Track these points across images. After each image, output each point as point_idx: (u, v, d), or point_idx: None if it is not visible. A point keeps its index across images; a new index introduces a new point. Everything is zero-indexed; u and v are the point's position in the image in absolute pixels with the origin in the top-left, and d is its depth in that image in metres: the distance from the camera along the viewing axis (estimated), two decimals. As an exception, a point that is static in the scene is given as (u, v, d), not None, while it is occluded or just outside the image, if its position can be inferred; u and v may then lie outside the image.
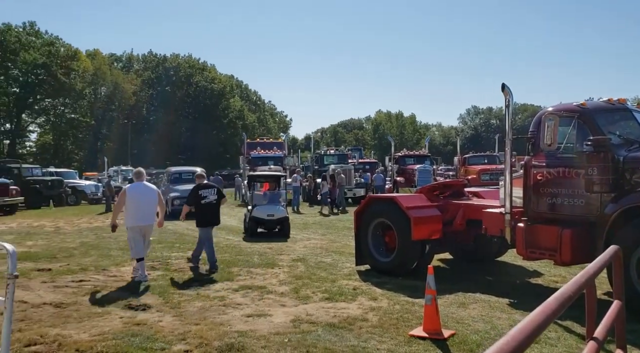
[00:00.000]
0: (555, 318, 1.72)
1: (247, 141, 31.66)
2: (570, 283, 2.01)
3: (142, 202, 8.43)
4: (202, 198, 9.33)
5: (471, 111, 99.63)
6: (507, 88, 7.31)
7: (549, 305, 1.61)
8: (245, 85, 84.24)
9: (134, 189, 8.53)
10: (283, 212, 14.05)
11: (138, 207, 8.37)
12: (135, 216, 8.37)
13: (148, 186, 8.81)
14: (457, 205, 8.83)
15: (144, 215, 8.45)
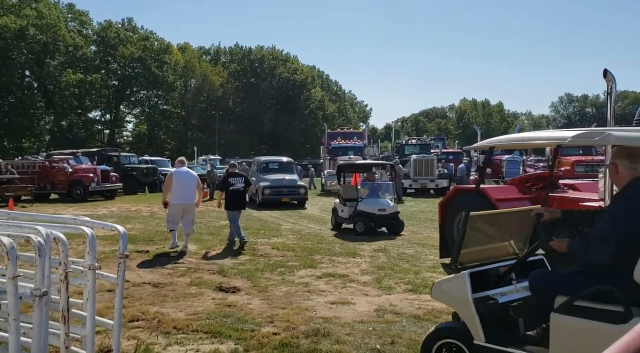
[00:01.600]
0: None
1: (328, 131, 31.94)
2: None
3: (184, 184, 9.94)
4: (230, 185, 10.60)
5: (564, 99, 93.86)
6: (609, 74, 6.79)
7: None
8: (326, 75, 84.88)
9: (178, 174, 10.07)
10: (394, 206, 12.45)
11: (181, 188, 9.88)
12: (178, 196, 9.87)
13: (189, 172, 10.43)
14: (551, 198, 8.37)
15: (185, 195, 9.94)
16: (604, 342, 2.59)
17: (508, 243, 4.31)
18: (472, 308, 3.66)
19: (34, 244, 2.93)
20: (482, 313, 3.68)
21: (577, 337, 3.18)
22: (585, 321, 3.13)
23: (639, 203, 3.19)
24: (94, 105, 61.28)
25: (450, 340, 3.86)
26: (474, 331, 3.68)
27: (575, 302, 3.21)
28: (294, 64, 73.05)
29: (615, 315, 3.01)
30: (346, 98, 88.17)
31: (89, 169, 23.71)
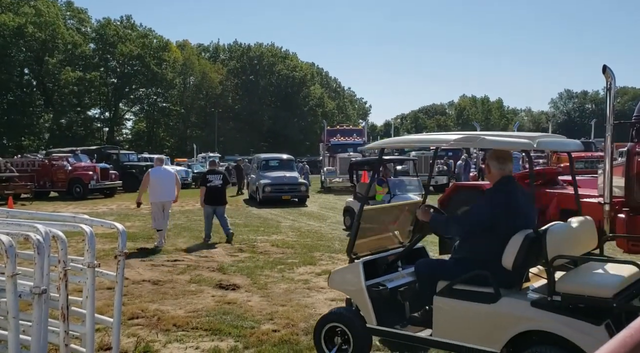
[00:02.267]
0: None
1: (327, 128, 31.92)
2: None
3: (162, 182, 10.22)
4: (208, 182, 10.90)
5: (564, 95, 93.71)
6: (608, 70, 6.78)
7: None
8: (326, 72, 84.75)
9: (156, 172, 10.38)
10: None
11: (159, 186, 10.16)
12: (157, 193, 10.16)
13: (167, 170, 10.88)
14: (550, 194, 8.39)
15: (163, 193, 10.19)
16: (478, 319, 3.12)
17: (395, 234, 4.83)
18: (365, 294, 4.08)
19: (33, 242, 2.93)
20: (373, 299, 4.10)
21: (456, 316, 3.65)
22: (462, 302, 3.60)
23: (503, 198, 3.71)
24: (93, 103, 61.25)
25: (337, 323, 4.23)
26: (367, 315, 4.09)
27: (454, 286, 3.65)
28: (293, 61, 72.96)
29: (488, 296, 3.49)
30: (345, 95, 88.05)
31: (89, 167, 23.71)
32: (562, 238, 3.58)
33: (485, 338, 3.50)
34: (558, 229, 3.69)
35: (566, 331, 3.20)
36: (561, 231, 3.70)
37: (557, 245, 3.44)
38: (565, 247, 3.54)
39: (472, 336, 3.56)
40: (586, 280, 3.40)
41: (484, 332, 3.52)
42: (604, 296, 3.19)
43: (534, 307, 3.34)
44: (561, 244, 3.51)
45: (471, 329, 3.58)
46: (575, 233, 3.91)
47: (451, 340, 3.66)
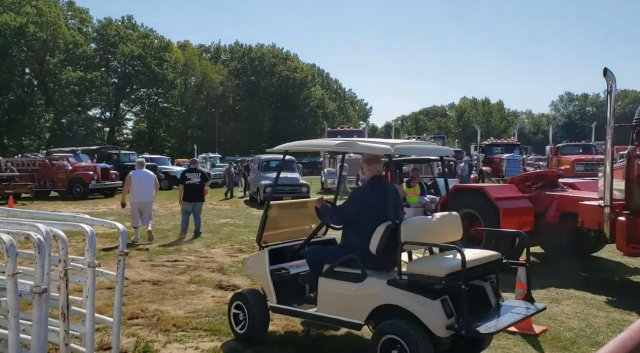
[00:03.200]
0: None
1: (328, 129, 31.96)
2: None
3: (141, 184, 10.83)
4: (187, 180, 11.49)
5: (564, 98, 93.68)
6: (609, 73, 6.80)
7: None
8: (326, 73, 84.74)
9: (137, 175, 10.98)
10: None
11: (138, 188, 10.77)
12: (136, 195, 10.77)
13: (147, 172, 11.35)
14: (550, 196, 8.39)
15: (142, 194, 10.82)
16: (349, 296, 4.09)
17: (305, 227, 5.41)
18: (268, 277, 4.81)
19: (34, 241, 2.94)
20: (275, 281, 4.81)
21: (334, 294, 4.37)
22: (338, 282, 4.32)
23: (364, 194, 4.53)
24: (94, 103, 61.23)
25: (239, 302, 4.97)
26: (269, 295, 4.83)
27: (335, 268, 4.37)
28: (294, 62, 72.97)
29: (357, 276, 4.20)
30: (346, 96, 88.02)
31: (89, 167, 23.71)
32: (414, 229, 4.22)
33: (354, 312, 4.22)
34: (412, 221, 4.41)
35: (409, 304, 3.91)
36: (414, 223, 4.40)
37: (409, 234, 4.07)
38: (419, 236, 4.16)
39: (345, 310, 4.28)
40: (427, 263, 4.14)
41: (353, 306, 4.23)
42: (437, 275, 3.83)
43: (389, 285, 4.03)
44: (414, 234, 4.12)
45: (344, 304, 4.29)
46: (431, 225, 4.52)
47: (329, 314, 4.38)
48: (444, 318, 3.75)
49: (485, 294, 4.28)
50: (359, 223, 4.40)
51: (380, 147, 4.42)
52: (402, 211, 4.68)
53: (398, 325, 3.90)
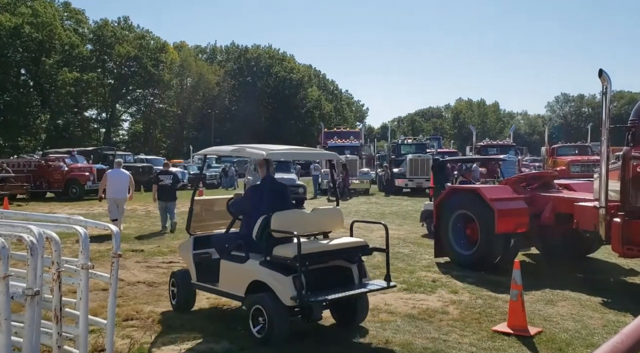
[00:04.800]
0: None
1: (325, 130, 31.99)
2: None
3: (116, 182, 11.93)
4: (160, 181, 12.63)
5: (560, 99, 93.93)
6: (604, 74, 6.82)
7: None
8: (323, 74, 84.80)
9: (113, 173, 12.25)
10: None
11: (114, 185, 11.89)
12: (111, 191, 11.86)
13: (123, 171, 12.47)
14: (545, 197, 8.40)
15: (116, 191, 11.88)
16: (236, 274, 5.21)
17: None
18: (191, 260, 5.78)
19: (27, 243, 2.92)
20: (197, 263, 5.76)
21: (228, 272, 5.30)
22: (230, 262, 5.27)
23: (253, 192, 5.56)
24: (90, 104, 60.99)
25: (173, 279, 6.05)
26: (192, 274, 5.77)
27: (230, 251, 5.31)
28: (291, 63, 72.97)
29: (242, 258, 5.13)
30: (343, 97, 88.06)
31: (85, 168, 23.63)
32: (282, 220, 5.05)
33: (239, 287, 5.13)
34: (282, 213, 5.17)
35: (269, 280, 4.84)
36: (283, 215, 5.15)
37: (277, 224, 4.98)
38: (286, 225, 4.98)
39: (234, 285, 5.21)
40: (287, 247, 4.88)
41: (238, 282, 5.15)
42: (287, 256, 4.77)
43: (260, 265, 4.95)
44: (281, 224, 4.99)
45: (233, 281, 5.22)
46: (299, 217, 5.41)
47: (225, 289, 5.33)
48: (291, 291, 4.65)
49: (351, 273, 5.23)
50: (250, 215, 5.36)
51: (257, 153, 5.47)
52: (289, 205, 5.69)
53: (261, 296, 4.85)
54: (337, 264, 5.15)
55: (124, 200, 12.16)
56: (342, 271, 5.20)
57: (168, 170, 13.29)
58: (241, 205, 5.54)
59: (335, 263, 5.13)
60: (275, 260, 4.87)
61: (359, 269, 5.27)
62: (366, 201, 21.71)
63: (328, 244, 5.19)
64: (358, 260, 5.30)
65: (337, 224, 5.72)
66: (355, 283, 5.18)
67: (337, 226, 5.72)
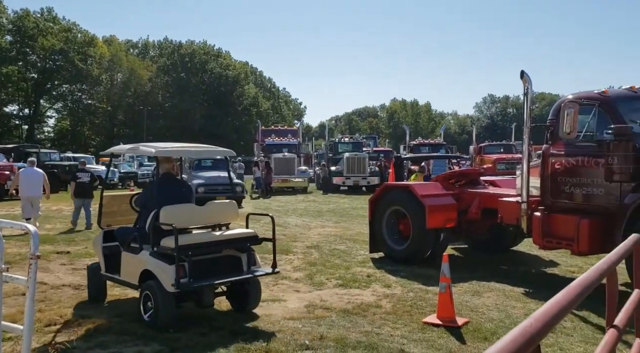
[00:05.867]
0: (577, 303, 1.70)
1: (262, 128, 31.69)
2: (592, 270, 1.99)
3: (30, 181, 12.16)
4: (77, 178, 13.02)
5: (487, 100, 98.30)
6: (526, 75, 7.21)
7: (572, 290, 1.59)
8: (260, 72, 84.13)
9: (26, 171, 12.44)
10: None
11: (27, 183, 12.11)
12: (24, 189, 12.10)
13: (36, 170, 12.53)
14: (472, 193, 8.77)
15: (31, 189, 12.12)
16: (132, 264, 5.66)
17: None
18: (100, 252, 6.16)
19: None
20: (106, 255, 6.10)
21: (126, 263, 5.68)
22: (128, 254, 5.67)
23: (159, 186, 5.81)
24: (10, 99, 57.20)
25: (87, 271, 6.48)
26: (102, 265, 6.13)
27: (129, 243, 5.68)
28: (226, 59, 71.77)
29: (136, 249, 5.56)
30: (280, 95, 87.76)
31: (5, 167, 22.18)
32: (169, 214, 5.36)
33: (133, 276, 5.52)
34: (170, 207, 5.45)
35: (155, 268, 5.25)
36: (170, 209, 5.43)
37: (166, 217, 5.30)
38: (173, 219, 5.25)
39: (131, 275, 5.58)
40: (171, 239, 5.12)
41: (133, 272, 5.54)
42: (169, 247, 5.16)
43: (150, 256, 5.36)
44: (169, 217, 5.29)
45: (130, 270, 5.61)
46: (194, 210, 5.78)
47: (125, 279, 5.71)
48: (172, 278, 5.02)
49: (240, 262, 5.66)
50: (147, 209, 5.67)
51: (147, 150, 6.05)
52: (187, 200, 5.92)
53: (149, 284, 5.27)
54: (228, 254, 5.65)
55: (38, 198, 12.34)
56: (233, 260, 5.67)
57: (84, 168, 13.79)
58: (140, 200, 6.00)
59: (227, 253, 5.64)
60: (162, 251, 5.29)
61: (248, 258, 5.72)
62: (304, 199, 21.78)
63: (216, 235, 5.66)
64: (248, 249, 5.75)
65: (232, 217, 6.09)
66: (244, 270, 5.66)
67: (232, 218, 6.09)
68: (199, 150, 6.79)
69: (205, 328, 5.27)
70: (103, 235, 6.24)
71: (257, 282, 5.85)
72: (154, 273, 5.25)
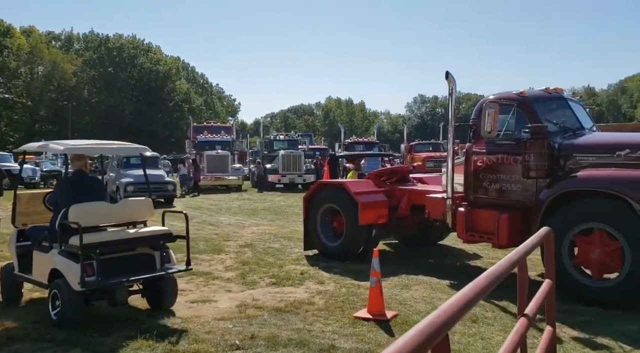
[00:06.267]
0: (485, 294, 1.80)
1: (194, 125, 30.97)
2: (502, 262, 2.10)
3: None
4: None
5: (418, 100, 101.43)
6: (450, 76, 7.48)
7: (479, 283, 1.68)
8: (192, 67, 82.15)
9: None
10: None
11: None
12: None
13: None
14: (402, 190, 9.02)
15: None
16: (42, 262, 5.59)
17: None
18: (14, 251, 6.08)
19: None
20: (19, 255, 6.03)
21: (37, 262, 5.65)
22: (39, 252, 5.64)
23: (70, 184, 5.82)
24: None
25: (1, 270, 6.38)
26: (15, 265, 6.07)
27: (40, 242, 5.65)
28: (157, 54, 69.46)
29: (46, 248, 5.51)
30: (214, 91, 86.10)
31: None
32: (81, 211, 5.35)
33: (43, 275, 5.47)
34: (79, 205, 5.43)
35: (62, 267, 5.25)
36: (79, 207, 5.41)
37: (75, 215, 5.28)
38: (82, 217, 5.24)
39: (40, 274, 5.55)
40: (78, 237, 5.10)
41: (43, 270, 5.49)
42: (75, 244, 5.12)
43: (58, 254, 5.33)
44: (78, 215, 5.26)
45: (40, 270, 5.56)
46: (105, 208, 5.77)
47: (36, 278, 5.67)
48: (78, 276, 5.01)
49: (154, 260, 5.65)
50: (58, 206, 5.59)
51: (55, 148, 6.06)
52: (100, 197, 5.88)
53: (57, 283, 5.25)
54: (142, 252, 5.65)
55: None
56: (146, 258, 5.67)
57: None
58: (51, 198, 5.92)
59: (140, 251, 5.64)
60: (70, 249, 5.27)
61: (161, 255, 5.71)
62: (238, 198, 21.53)
63: (128, 233, 5.66)
64: (161, 247, 5.73)
65: (146, 214, 6.10)
66: (157, 268, 5.65)
67: (146, 216, 6.10)
68: (111, 148, 6.63)
69: (131, 331, 5.08)
70: (17, 234, 6.16)
71: (172, 279, 5.86)
72: (61, 271, 5.23)
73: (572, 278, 6.11)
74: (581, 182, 6.23)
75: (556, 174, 6.58)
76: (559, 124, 7.10)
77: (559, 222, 6.09)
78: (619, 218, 5.80)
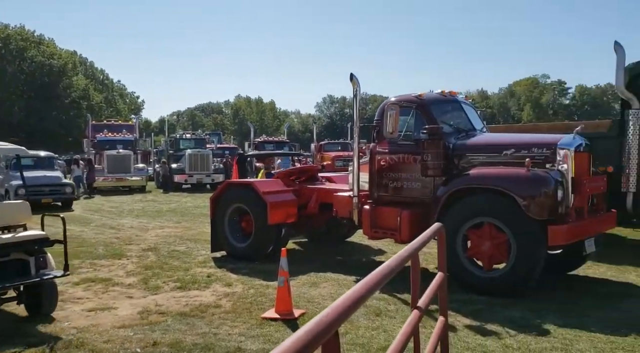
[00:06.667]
0: (377, 289, 1.87)
1: (93, 123, 29.31)
2: (394, 257, 2.20)
3: None
4: None
5: (327, 100, 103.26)
6: (354, 78, 7.71)
7: (371, 278, 1.75)
8: (91, 62, 77.45)
9: None
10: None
11: None
12: None
13: None
14: (311, 189, 9.15)
15: None
16: None
17: None
18: None
19: None
20: None
21: None
22: None
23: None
24: None
25: None
26: None
27: None
28: (50, 47, 64.59)
29: None
30: (115, 88, 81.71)
31: None
32: None
33: None
34: None
35: None
36: None
37: None
38: None
39: None
40: None
41: None
42: None
43: None
44: None
45: None
46: None
47: None
48: None
49: (28, 266, 5.45)
50: None
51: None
52: None
53: None
54: (16, 257, 5.40)
55: None
56: (20, 263, 5.44)
57: None
58: None
59: (15, 257, 5.38)
60: None
61: (37, 261, 5.52)
62: (142, 199, 20.64)
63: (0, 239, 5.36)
64: (37, 252, 5.53)
65: (23, 218, 5.92)
66: (32, 274, 5.44)
67: (23, 220, 5.90)
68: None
69: (20, 346, 4.71)
70: None
71: (51, 284, 5.69)
72: None
73: (465, 269, 6.54)
74: (472, 179, 6.68)
75: (451, 172, 7.00)
76: (453, 125, 7.57)
77: (453, 217, 6.51)
78: (505, 213, 6.29)
